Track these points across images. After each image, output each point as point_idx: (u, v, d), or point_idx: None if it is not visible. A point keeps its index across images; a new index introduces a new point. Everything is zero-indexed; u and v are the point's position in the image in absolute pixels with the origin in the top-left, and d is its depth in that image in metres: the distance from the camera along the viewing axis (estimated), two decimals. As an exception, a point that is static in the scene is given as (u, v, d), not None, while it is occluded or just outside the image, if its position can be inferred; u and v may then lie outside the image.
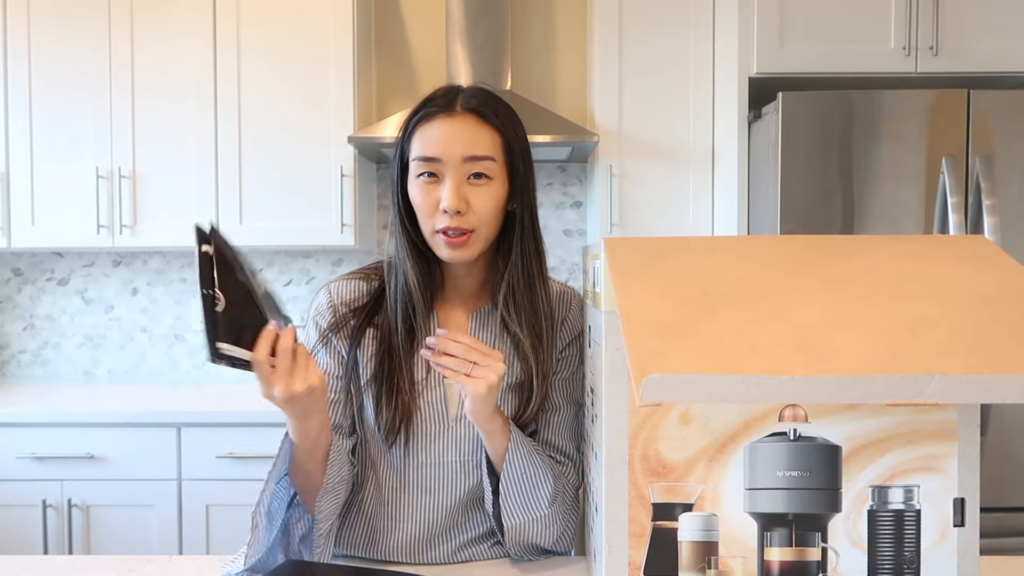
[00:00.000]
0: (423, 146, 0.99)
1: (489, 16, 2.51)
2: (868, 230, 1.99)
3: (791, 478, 0.80)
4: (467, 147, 0.98)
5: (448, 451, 1.06)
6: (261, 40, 2.44)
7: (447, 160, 0.98)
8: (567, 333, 1.11)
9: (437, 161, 0.98)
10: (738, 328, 0.69)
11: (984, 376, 0.64)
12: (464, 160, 0.98)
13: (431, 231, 1.00)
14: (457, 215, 0.97)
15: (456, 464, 1.06)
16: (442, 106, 1.00)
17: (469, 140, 0.99)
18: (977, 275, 0.77)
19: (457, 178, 0.98)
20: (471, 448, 1.06)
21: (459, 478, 1.07)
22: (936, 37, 2.10)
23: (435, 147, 0.98)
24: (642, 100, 2.47)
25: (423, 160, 0.99)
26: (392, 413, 1.02)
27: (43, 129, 2.45)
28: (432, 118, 1.00)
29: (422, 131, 1.00)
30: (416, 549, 1.08)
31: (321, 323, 1.08)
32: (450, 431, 1.06)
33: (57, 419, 2.20)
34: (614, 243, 0.83)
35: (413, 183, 1.01)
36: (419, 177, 1.00)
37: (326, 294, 1.09)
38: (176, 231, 2.46)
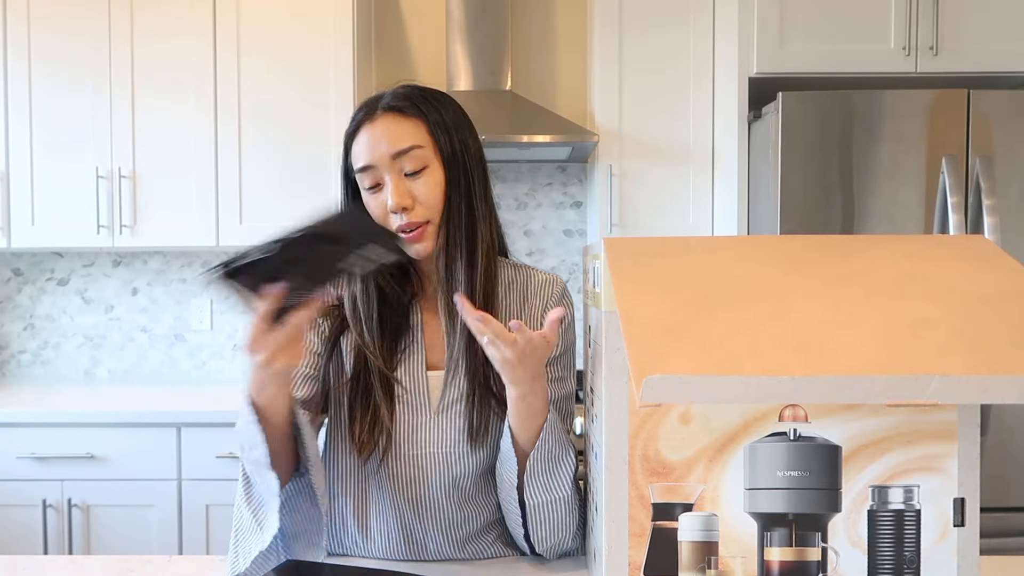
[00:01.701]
0: (356, 157, 1.02)
1: (489, 16, 2.51)
2: (868, 230, 1.99)
3: (791, 478, 0.80)
4: (391, 144, 0.99)
5: (431, 442, 1.05)
6: (261, 40, 2.44)
7: (379, 163, 1.00)
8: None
9: (372, 168, 1.00)
10: (738, 328, 0.69)
11: (984, 376, 0.64)
12: (393, 157, 0.99)
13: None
14: (404, 211, 0.99)
15: (439, 455, 1.05)
16: (365, 114, 1.02)
17: (391, 137, 1.00)
18: (977, 275, 0.77)
19: (395, 177, 0.99)
20: (454, 439, 1.05)
21: (442, 469, 1.05)
22: (936, 37, 2.11)
23: (365, 155, 1.00)
24: (642, 100, 2.47)
25: (360, 172, 1.01)
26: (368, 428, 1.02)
27: (43, 129, 2.45)
28: (358, 129, 1.02)
29: (354, 144, 1.02)
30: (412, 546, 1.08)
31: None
32: (432, 422, 1.05)
33: (57, 419, 2.20)
34: (614, 243, 0.83)
35: (363, 194, 1.02)
36: (366, 190, 1.02)
37: None
38: (176, 231, 2.46)
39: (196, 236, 2.46)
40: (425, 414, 1.05)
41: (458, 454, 1.05)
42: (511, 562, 1.06)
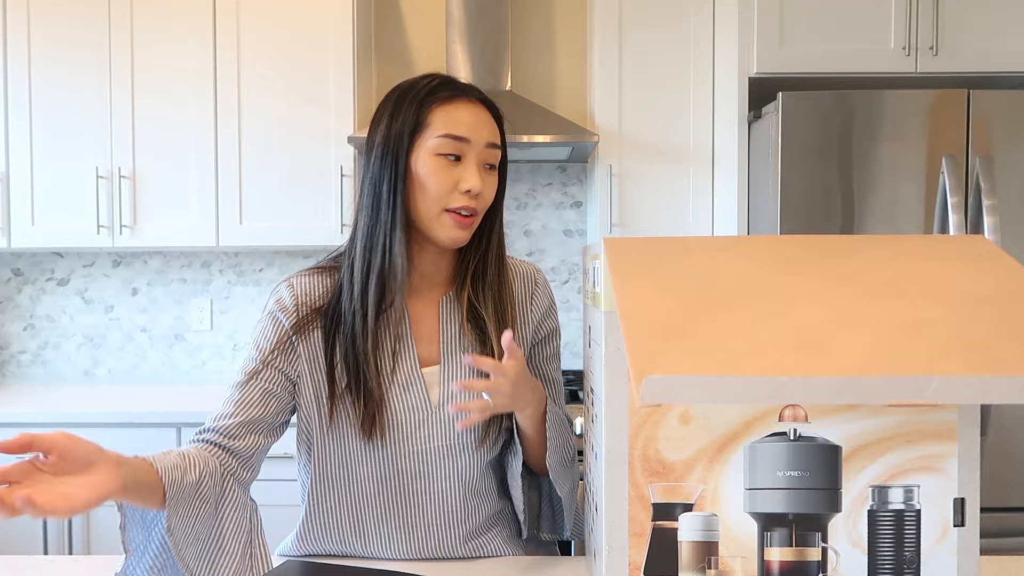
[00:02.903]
0: (451, 125, 1.00)
1: (489, 16, 2.51)
2: (868, 230, 1.99)
3: (791, 478, 0.80)
4: (490, 134, 1.03)
5: (433, 437, 1.05)
6: (261, 40, 2.44)
7: (474, 141, 1.01)
8: (537, 308, 1.13)
9: (465, 142, 1.00)
10: (738, 328, 0.69)
11: (984, 377, 0.64)
12: (486, 146, 1.02)
13: (440, 209, 1.00)
14: (475, 197, 1.01)
15: (443, 449, 1.05)
16: (462, 92, 1.02)
17: (490, 128, 1.03)
18: (977, 275, 0.77)
19: (478, 162, 1.01)
20: (455, 431, 1.05)
21: (447, 463, 1.06)
22: (936, 37, 2.10)
23: (464, 128, 1.00)
24: (642, 100, 2.47)
25: (452, 138, 1.00)
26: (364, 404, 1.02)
27: (43, 129, 2.45)
28: (456, 100, 1.01)
29: (447, 110, 1.01)
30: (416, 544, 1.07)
31: (284, 320, 1.04)
32: (434, 416, 1.05)
33: (57, 419, 2.20)
34: (614, 243, 0.83)
35: (428, 159, 1.00)
36: (440, 155, 1.00)
37: (288, 290, 1.05)
38: (176, 231, 2.46)
39: (196, 236, 2.46)
40: (425, 410, 1.05)
41: (462, 445, 1.06)
42: (512, 562, 1.06)
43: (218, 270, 2.80)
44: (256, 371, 1.02)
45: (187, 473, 0.89)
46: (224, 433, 0.99)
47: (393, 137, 1.01)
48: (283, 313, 1.04)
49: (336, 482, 1.08)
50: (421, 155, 1.00)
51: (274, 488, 2.19)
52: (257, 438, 1.01)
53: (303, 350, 1.04)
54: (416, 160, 1.00)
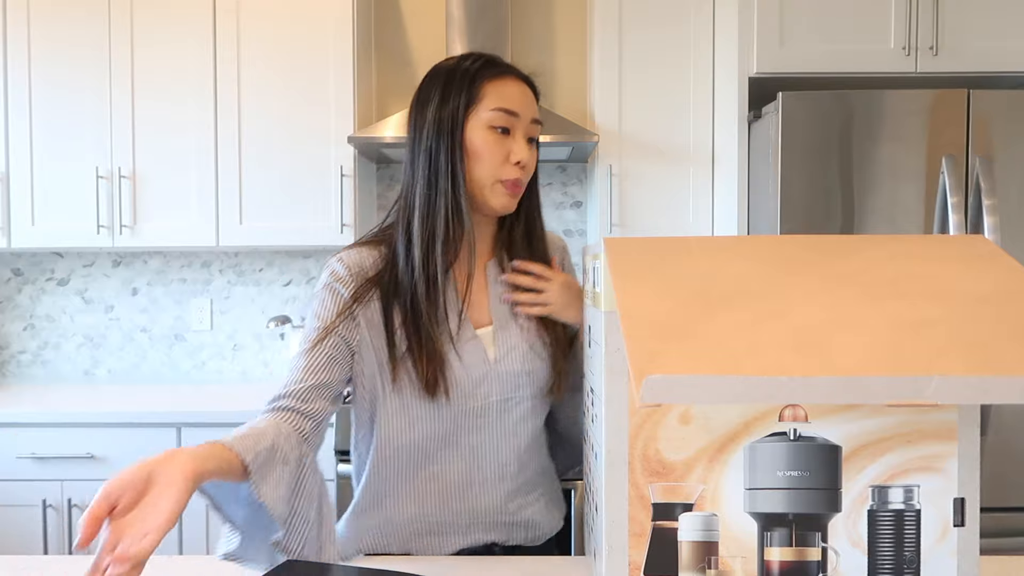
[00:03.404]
0: (503, 99, 1.07)
1: (489, 16, 2.51)
2: (868, 230, 1.99)
3: (791, 478, 0.80)
4: (534, 111, 1.10)
5: (492, 393, 1.09)
6: (261, 40, 2.44)
7: (523, 116, 1.08)
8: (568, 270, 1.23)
9: (515, 116, 1.07)
10: (738, 328, 0.69)
11: (984, 377, 0.64)
12: (532, 121, 1.09)
13: (492, 180, 1.07)
14: (522, 168, 1.08)
15: (500, 404, 1.10)
16: (509, 70, 1.10)
17: (533, 105, 1.11)
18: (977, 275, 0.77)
19: (525, 136, 1.08)
20: (513, 385, 1.10)
21: (504, 418, 1.11)
22: (936, 37, 2.11)
23: (515, 103, 1.07)
24: (642, 100, 2.47)
25: (505, 112, 1.06)
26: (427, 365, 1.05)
27: (43, 129, 2.45)
28: (507, 77, 1.09)
29: (498, 85, 1.07)
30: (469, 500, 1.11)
31: (343, 291, 1.08)
32: (492, 372, 1.09)
33: (57, 419, 2.20)
34: (614, 243, 0.83)
35: (483, 131, 1.06)
36: (493, 128, 1.06)
37: (340, 263, 1.10)
38: (176, 231, 2.46)
39: (196, 236, 2.46)
40: (484, 367, 1.09)
41: (517, 399, 1.11)
42: (511, 562, 1.07)
43: (218, 270, 2.80)
44: (320, 339, 1.06)
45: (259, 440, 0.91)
46: (298, 397, 1.02)
47: (449, 111, 1.06)
48: (340, 284, 1.08)
49: (400, 445, 1.10)
50: (475, 128, 1.06)
51: (274, 488, 2.20)
52: (325, 403, 1.05)
53: (363, 318, 1.08)
54: (470, 132, 1.06)
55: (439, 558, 1.09)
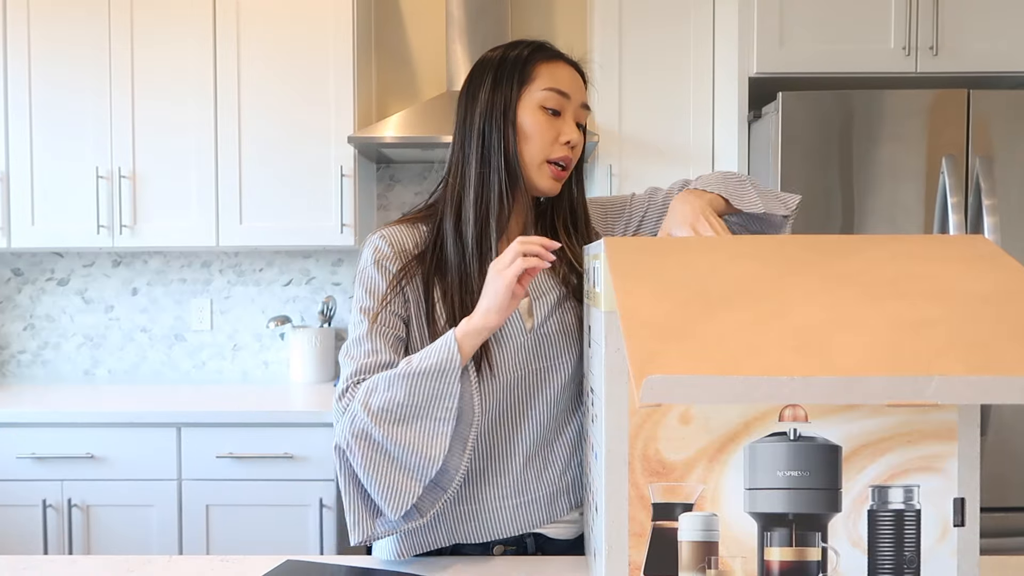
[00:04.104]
0: (555, 80, 1.10)
1: (489, 16, 2.51)
2: (868, 230, 1.99)
3: (791, 478, 0.80)
4: (584, 96, 1.13)
5: (532, 360, 1.10)
6: (261, 40, 2.44)
7: (573, 98, 1.11)
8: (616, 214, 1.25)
9: (567, 97, 1.10)
10: (738, 328, 0.69)
11: (984, 377, 0.64)
12: (581, 105, 1.12)
13: (542, 160, 1.10)
14: (571, 149, 1.11)
15: (541, 371, 1.11)
16: (560, 54, 1.13)
17: (583, 88, 1.14)
18: (977, 275, 0.77)
19: (574, 119, 1.11)
20: (554, 352, 1.11)
21: (545, 383, 1.11)
22: (936, 37, 2.11)
23: (566, 84, 1.10)
24: (642, 100, 2.47)
25: (557, 92, 1.09)
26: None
27: (43, 129, 2.45)
28: (557, 60, 1.12)
29: (550, 68, 1.10)
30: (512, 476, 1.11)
31: (389, 267, 1.10)
32: (530, 342, 1.10)
33: (57, 419, 2.20)
34: (614, 243, 0.83)
35: (535, 111, 1.09)
36: (545, 108, 1.09)
37: (384, 241, 1.11)
38: (176, 231, 2.46)
39: (196, 236, 2.46)
40: (522, 336, 1.10)
41: (557, 366, 1.12)
42: (512, 561, 1.07)
43: (218, 270, 2.80)
44: (378, 317, 1.07)
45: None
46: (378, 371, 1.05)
47: (502, 92, 1.09)
48: (387, 260, 1.10)
49: None
50: (527, 107, 1.09)
51: (275, 488, 2.20)
52: None
53: (410, 294, 1.09)
54: (523, 112, 1.09)
55: (440, 558, 1.09)
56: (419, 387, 0.98)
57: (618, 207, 1.26)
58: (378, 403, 0.99)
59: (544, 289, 1.13)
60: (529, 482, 1.12)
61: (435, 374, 0.97)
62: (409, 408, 0.99)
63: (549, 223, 1.18)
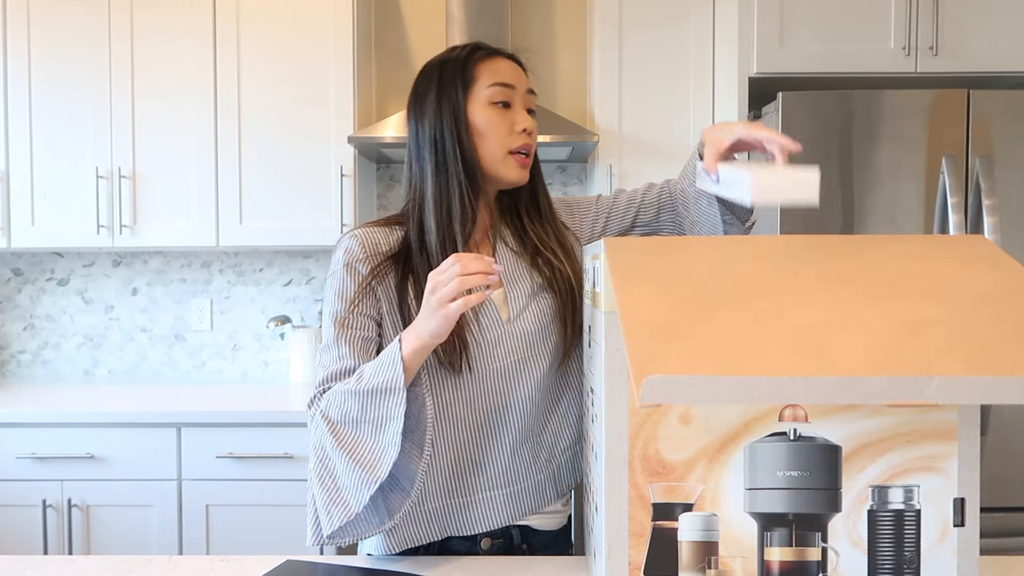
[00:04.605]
0: (498, 74, 1.12)
1: (489, 16, 2.51)
2: (868, 230, 1.99)
3: (791, 478, 0.80)
4: (528, 82, 1.16)
5: (510, 352, 1.11)
6: (261, 40, 2.44)
7: (518, 87, 1.13)
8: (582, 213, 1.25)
9: (511, 88, 1.12)
10: (738, 328, 0.69)
11: (984, 377, 0.64)
12: (527, 92, 1.15)
13: (503, 153, 1.11)
14: (529, 135, 1.12)
15: (519, 363, 1.12)
16: (495, 50, 1.15)
17: (526, 77, 1.16)
18: (977, 275, 0.77)
19: (523, 107, 1.14)
20: (528, 343, 1.12)
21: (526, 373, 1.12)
22: (936, 37, 2.10)
23: (508, 76, 1.13)
24: (642, 100, 2.47)
25: (502, 85, 1.11)
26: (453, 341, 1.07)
27: (43, 129, 2.45)
28: (496, 56, 1.14)
29: (490, 64, 1.13)
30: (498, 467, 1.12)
31: (360, 268, 1.10)
32: (507, 333, 1.11)
33: (57, 419, 2.20)
34: (614, 243, 0.83)
35: (484, 109, 1.11)
36: (494, 103, 1.11)
37: (355, 241, 1.12)
38: (176, 231, 2.46)
39: (196, 236, 2.46)
40: (498, 328, 1.11)
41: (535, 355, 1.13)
42: (511, 561, 1.07)
43: (218, 270, 2.80)
44: (346, 321, 1.08)
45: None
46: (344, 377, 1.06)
47: (448, 97, 1.11)
48: (357, 262, 1.10)
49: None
50: (476, 107, 1.11)
51: (274, 488, 2.20)
52: None
53: (381, 294, 1.10)
54: (473, 112, 1.11)
55: (439, 558, 1.09)
56: (368, 404, 0.99)
57: (585, 204, 1.27)
58: (335, 415, 1.02)
59: (515, 276, 1.14)
60: (517, 472, 1.13)
61: (382, 393, 0.99)
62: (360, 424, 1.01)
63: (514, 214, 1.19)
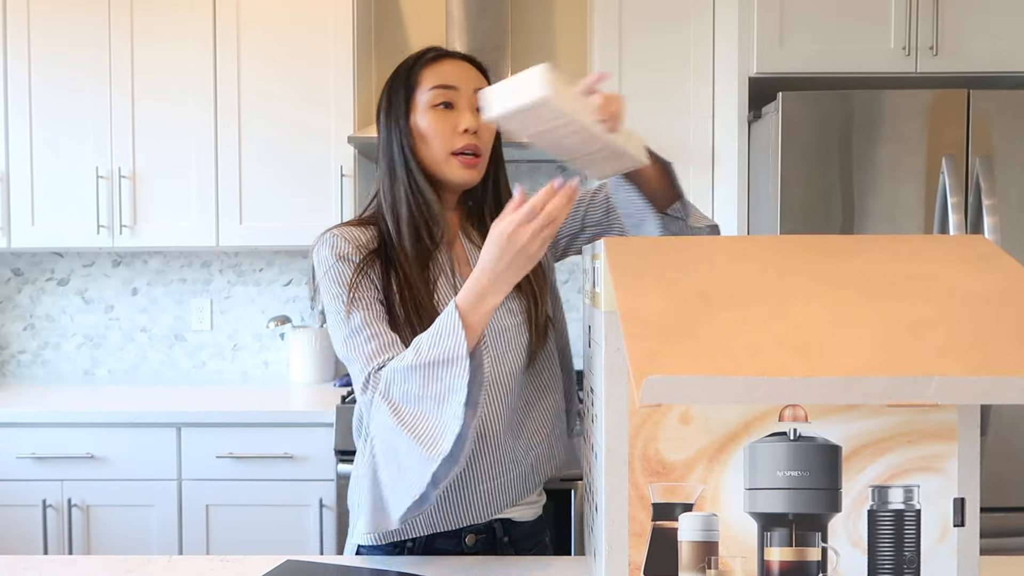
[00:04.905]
0: (440, 77, 1.12)
1: (489, 16, 2.51)
2: (868, 230, 1.99)
3: (791, 478, 0.80)
4: (477, 81, 1.14)
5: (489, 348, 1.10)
6: (261, 40, 2.44)
7: (461, 88, 1.12)
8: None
9: (454, 89, 1.12)
10: (738, 328, 0.69)
11: (984, 377, 0.64)
12: (475, 91, 1.12)
13: (446, 154, 1.11)
14: (474, 135, 1.11)
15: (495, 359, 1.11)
16: (446, 53, 1.15)
17: (474, 76, 1.14)
18: (977, 275, 0.77)
19: (469, 106, 1.12)
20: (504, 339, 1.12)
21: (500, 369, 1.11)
22: (936, 37, 2.10)
23: (451, 78, 1.12)
24: (642, 100, 2.47)
25: (442, 88, 1.11)
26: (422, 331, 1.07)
27: (43, 129, 2.45)
28: (442, 59, 1.14)
29: (434, 68, 1.13)
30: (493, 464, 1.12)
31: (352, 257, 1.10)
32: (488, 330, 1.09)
33: (57, 419, 2.20)
34: (614, 243, 0.83)
35: (426, 112, 1.11)
36: (435, 106, 1.11)
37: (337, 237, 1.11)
38: (176, 231, 2.46)
39: (196, 236, 2.46)
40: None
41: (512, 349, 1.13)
42: (512, 562, 1.07)
43: (218, 270, 2.80)
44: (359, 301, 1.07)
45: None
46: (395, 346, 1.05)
47: (394, 104, 1.14)
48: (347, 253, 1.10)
49: None
50: (419, 112, 1.12)
51: (274, 488, 2.20)
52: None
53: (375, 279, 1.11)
54: (416, 118, 1.12)
55: (440, 558, 1.09)
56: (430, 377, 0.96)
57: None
58: (396, 394, 1.00)
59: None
60: (502, 465, 1.13)
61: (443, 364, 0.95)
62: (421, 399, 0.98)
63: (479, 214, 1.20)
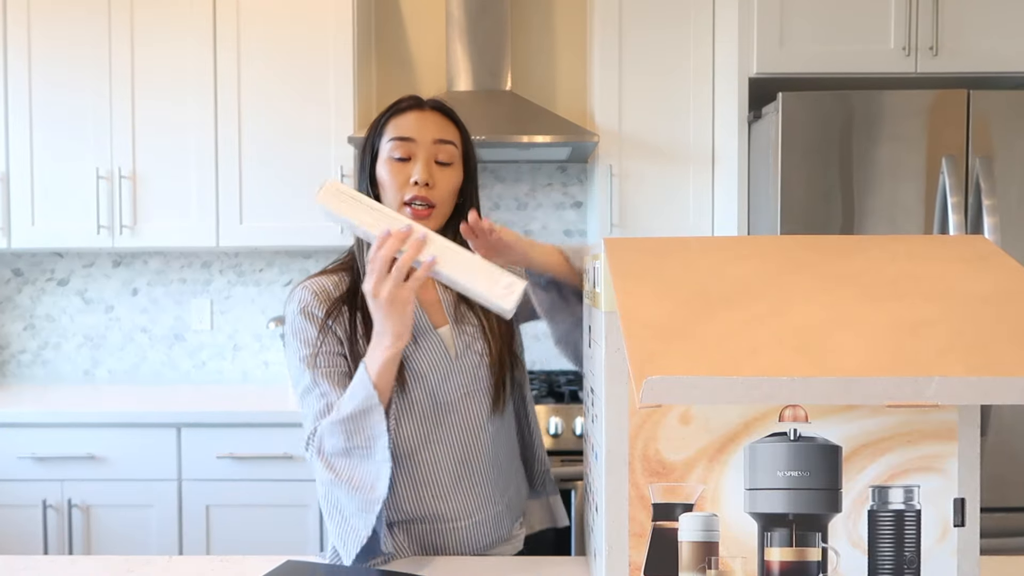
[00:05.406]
0: (397, 130, 1.14)
1: (489, 16, 2.51)
2: (868, 230, 1.99)
3: (791, 478, 0.80)
4: (436, 131, 1.14)
5: (455, 388, 1.15)
6: (261, 40, 2.44)
7: (420, 140, 1.13)
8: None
9: (411, 141, 1.13)
10: (738, 329, 0.69)
11: (984, 378, 0.64)
12: (434, 142, 1.13)
13: (399, 205, 1.12)
14: (425, 187, 1.12)
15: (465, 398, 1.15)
16: (415, 103, 1.17)
17: (438, 126, 1.15)
18: (977, 275, 0.77)
19: (428, 158, 1.13)
20: (472, 377, 1.16)
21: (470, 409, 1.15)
22: (936, 37, 2.11)
23: (409, 130, 1.14)
24: (642, 100, 2.47)
25: (398, 140, 1.13)
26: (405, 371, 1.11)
27: (43, 129, 2.45)
28: (404, 111, 1.16)
29: (396, 121, 1.15)
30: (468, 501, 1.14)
31: (316, 312, 1.14)
32: (454, 367, 1.15)
33: (57, 419, 2.20)
34: (614, 243, 0.83)
35: (384, 165, 1.14)
36: (392, 158, 1.13)
37: (306, 291, 1.16)
38: (176, 231, 2.46)
39: (196, 236, 2.46)
40: (444, 362, 1.15)
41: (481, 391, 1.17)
42: (512, 562, 1.07)
43: (218, 270, 2.80)
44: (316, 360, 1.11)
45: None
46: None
47: (364, 152, 1.18)
48: (312, 307, 1.14)
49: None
50: (380, 163, 1.15)
51: (274, 488, 2.20)
52: None
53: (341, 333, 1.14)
54: (378, 169, 1.15)
55: (439, 558, 1.09)
56: (352, 431, 1.02)
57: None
58: (328, 450, 1.05)
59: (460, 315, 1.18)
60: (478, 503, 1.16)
61: (361, 415, 1.02)
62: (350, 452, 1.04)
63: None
